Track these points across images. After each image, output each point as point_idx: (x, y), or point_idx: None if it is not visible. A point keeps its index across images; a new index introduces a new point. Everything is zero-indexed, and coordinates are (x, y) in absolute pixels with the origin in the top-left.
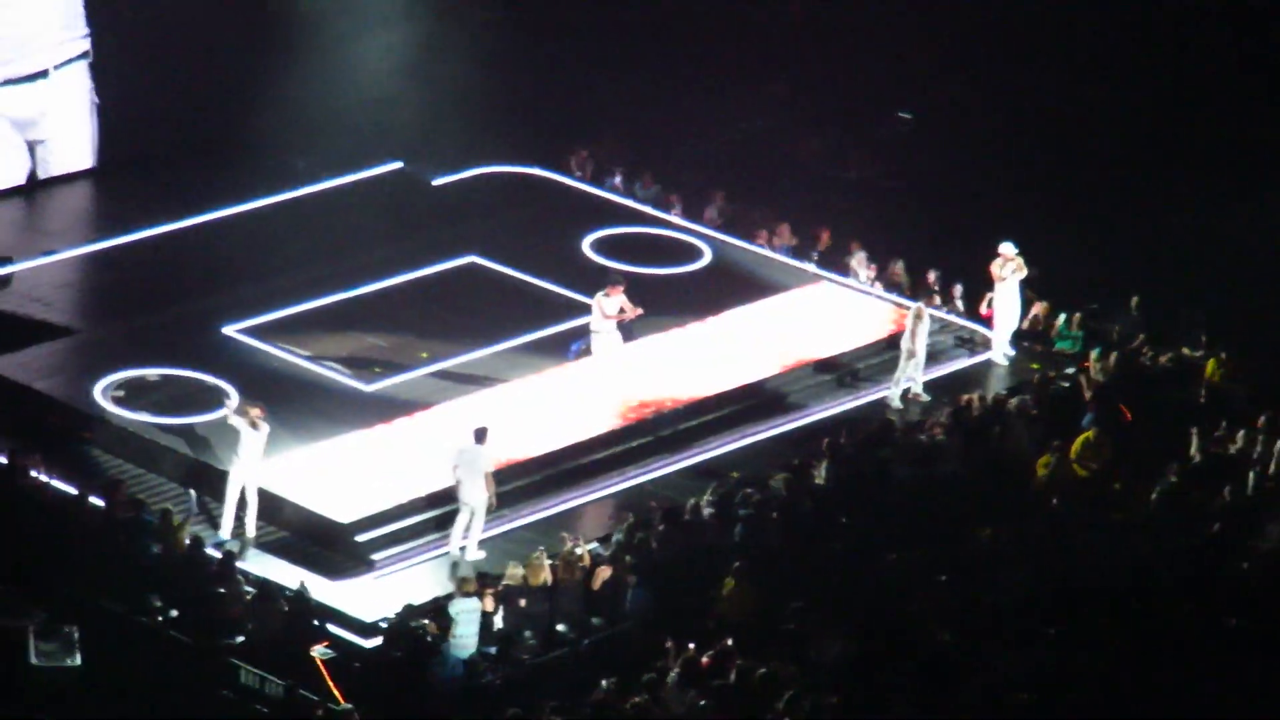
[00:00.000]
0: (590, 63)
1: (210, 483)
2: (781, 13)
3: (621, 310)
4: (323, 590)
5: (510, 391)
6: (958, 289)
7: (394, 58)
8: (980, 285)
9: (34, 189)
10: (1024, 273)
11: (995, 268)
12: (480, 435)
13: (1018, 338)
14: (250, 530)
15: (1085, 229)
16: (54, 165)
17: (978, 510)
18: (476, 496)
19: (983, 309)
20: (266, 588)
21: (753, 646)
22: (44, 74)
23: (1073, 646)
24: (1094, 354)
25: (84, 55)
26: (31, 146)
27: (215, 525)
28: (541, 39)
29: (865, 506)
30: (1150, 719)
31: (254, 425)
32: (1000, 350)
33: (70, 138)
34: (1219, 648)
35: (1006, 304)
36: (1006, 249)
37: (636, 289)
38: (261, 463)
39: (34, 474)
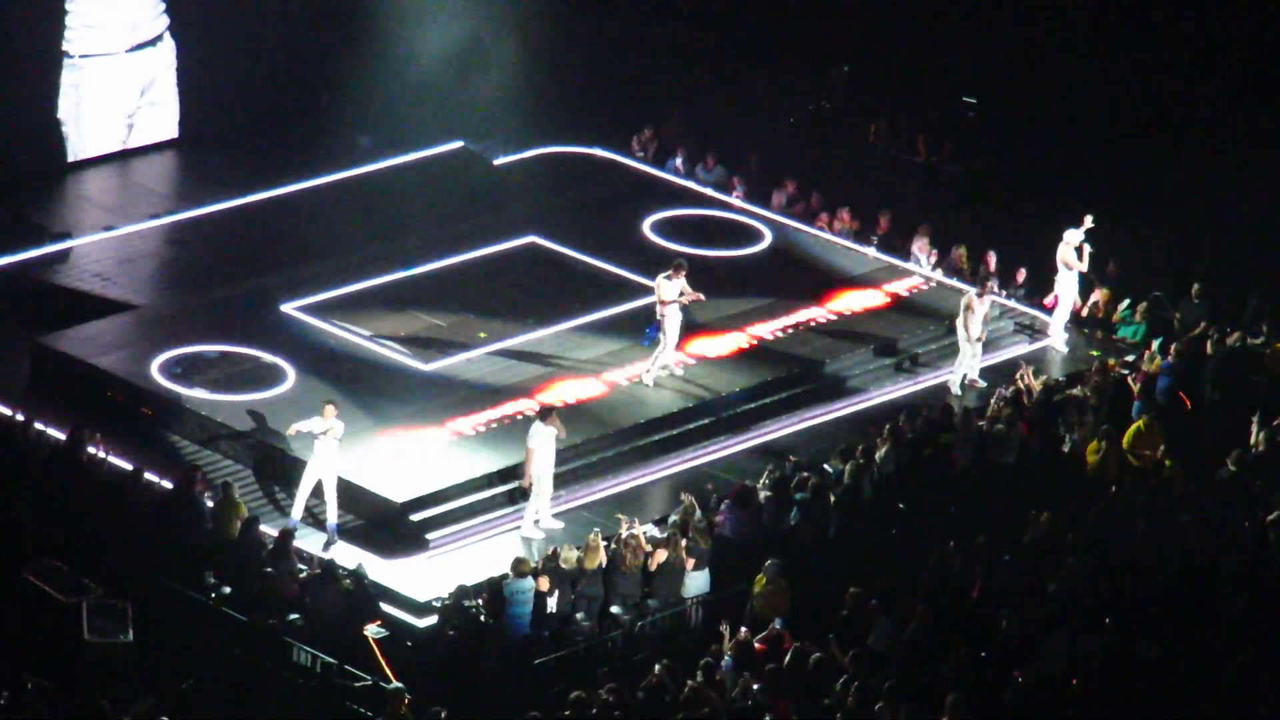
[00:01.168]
0: (655, 43)
1: (270, 462)
2: None
3: (682, 293)
4: (377, 569)
5: (570, 372)
6: (1021, 274)
7: (460, 37)
8: (1046, 271)
9: (119, 159)
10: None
11: (1067, 254)
12: (544, 414)
13: (1078, 323)
14: (332, 518)
15: (1149, 216)
16: (145, 134)
17: (1036, 496)
18: (545, 471)
19: (1049, 299)
20: (326, 567)
21: (808, 631)
22: (160, 38)
23: (1130, 634)
24: (1155, 344)
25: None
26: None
27: (278, 506)
28: (607, 18)
29: (925, 492)
30: (1205, 709)
31: (328, 422)
32: (1059, 336)
33: (165, 107)
34: (1273, 639)
35: (1069, 290)
36: (1075, 235)
37: (696, 271)
38: (337, 457)
39: (93, 450)
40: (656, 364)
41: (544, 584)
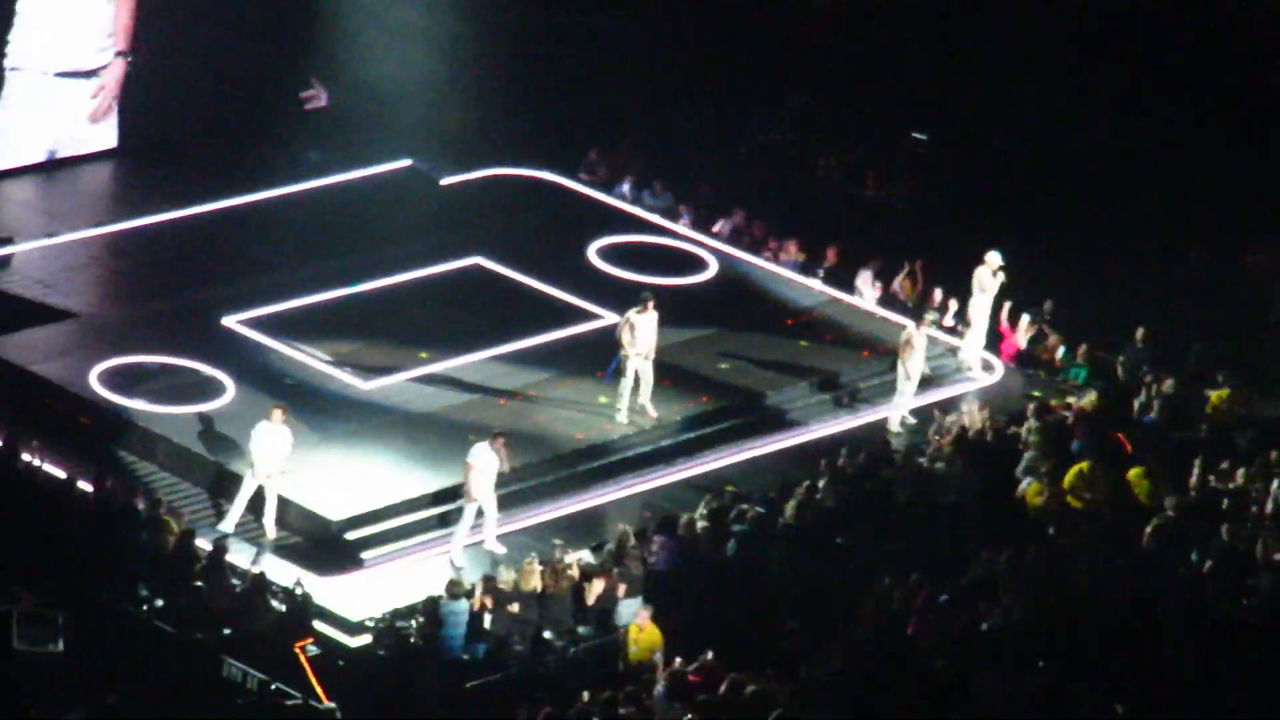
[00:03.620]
0: (606, 67)
1: (208, 474)
2: (801, 27)
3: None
4: (312, 587)
5: (511, 395)
6: (951, 305)
7: (411, 56)
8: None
9: (53, 168)
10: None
11: (984, 276)
12: (492, 437)
13: (1021, 363)
14: (270, 532)
15: (1097, 256)
16: (77, 145)
17: (976, 535)
18: (485, 493)
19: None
20: (258, 582)
21: (745, 663)
22: (96, 72)
23: (1066, 676)
24: (1087, 388)
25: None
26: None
27: (215, 519)
28: (560, 41)
29: (865, 527)
30: None
31: (274, 426)
32: (978, 362)
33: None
34: (1213, 685)
35: (984, 314)
36: (994, 257)
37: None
38: (282, 465)
39: (28, 458)
40: (624, 400)
41: (487, 603)
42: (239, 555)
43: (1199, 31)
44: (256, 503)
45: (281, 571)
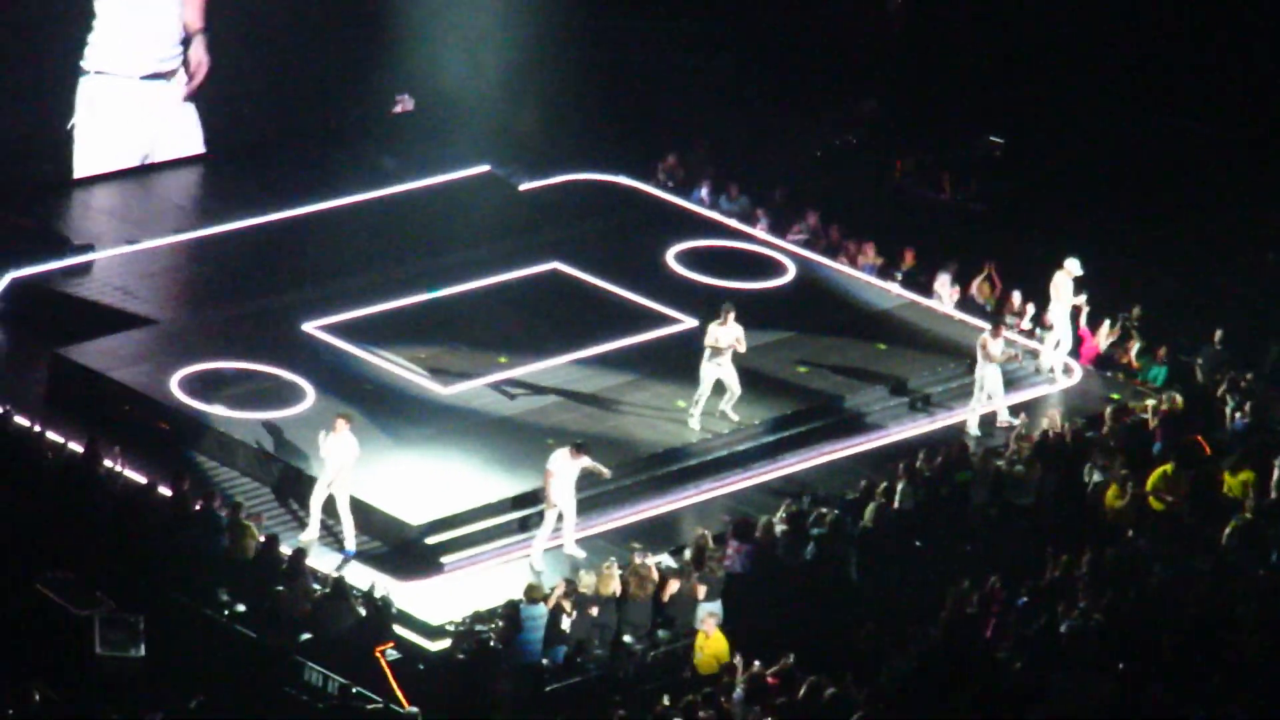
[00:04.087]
0: (682, 72)
1: (288, 480)
2: (878, 30)
3: (738, 340)
4: (391, 592)
5: (589, 399)
6: (1030, 309)
7: (486, 60)
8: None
9: (134, 174)
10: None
11: (1062, 283)
12: (578, 448)
13: (1099, 365)
14: (350, 543)
15: (1175, 259)
16: (164, 149)
17: (1053, 537)
18: (565, 499)
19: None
20: (336, 586)
21: (823, 666)
22: (174, 74)
23: (1142, 680)
24: (1168, 390)
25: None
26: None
27: (296, 524)
28: (634, 46)
29: (941, 530)
30: None
31: (340, 435)
32: (1059, 366)
33: (186, 129)
34: None
35: (1065, 319)
36: (1074, 265)
37: (719, 303)
38: (349, 472)
39: (109, 463)
40: (698, 407)
41: (566, 606)
42: (319, 560)
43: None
44: (330, 509)
45: (361, 577)
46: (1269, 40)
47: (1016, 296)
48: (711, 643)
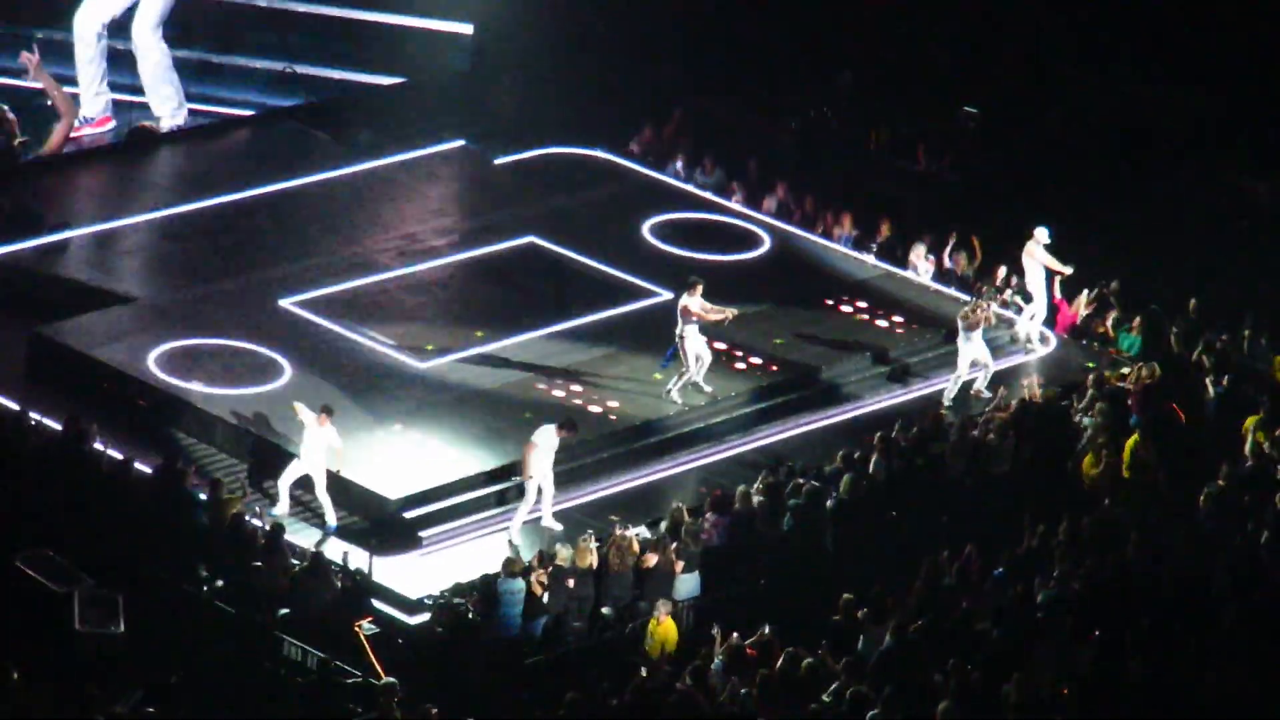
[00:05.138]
0: (657, 47)
1: (266, 456)
2: (852, 2)
3: (706, 310)
4: (367, 566)
5: (566, 373)
6: (1014, 280)
7: (462, 37)
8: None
9: (110, 153)
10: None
11: (1034, 251)
12: (563, 425)
13: (1074, 335)
14: (330, 518)
15: (1148, 229)
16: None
17: (1030, 507)
18: (544, 473)
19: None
20: (314, 561)
21: (799, 637)
22: None
23: (1120, 648)
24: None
25: None
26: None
27: (269, 499)
28: (610, 21)
29: (918, 501)
30: None
31: (324, 428)
32: (1035, 335)
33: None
34: (1266, 654)
35: (1040, 288)
36: (1043, 234)
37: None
38: (322, 458)
39: (88, 440)
40: (680, 382)
41: (544, 579)
42: (297, 535)
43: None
44: (307, 485)
45: (338, 551)
46: (1244, 7)
47: (1002, 270)
48: (661, 630)
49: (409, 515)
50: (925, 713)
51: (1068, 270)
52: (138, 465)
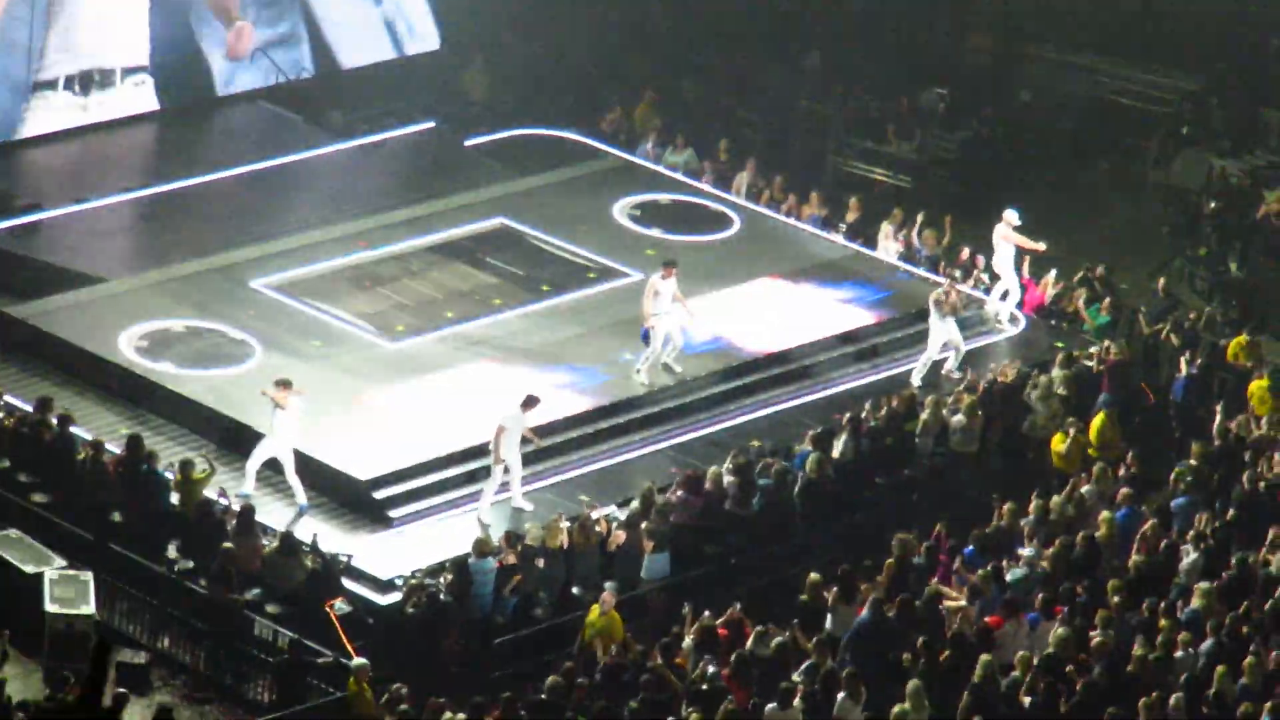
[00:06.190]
0: (628, 28)
1: (236, 437)
2: None
3: (675, 299)
4: (340, 546)
5: (536, 353)
6: (980, 260)
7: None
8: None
9: (82, 133)
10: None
11: (1003, 233)
12: (527, 402)
13: (1043, 314)
14: (301, 497)
15: (1113, 208)
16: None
17: (998, 486)
18: (511, 453)
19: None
20: (285, 540)
21: (770, 616)
22: None
23: (1088, 626)
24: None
25: None
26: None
27: (238, 480)
28: (581, 2)
29: (887, 480)
30: (1160, 698)
31: (283, 401)
32: (1005, 315)
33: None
34: (1234, 632)
35: (1009, 269)
36: (1012, 215)
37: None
38: (293, 435)
39: (57, 422)
40: (648, 362)
41: (514, 559)
42: (267, 515)
43: None
44: (276, 466)
45: (309, 531)
46: None
47: (966, 250)
48: (601, 621)
49: (379, 495)
50: (894, 692)
51: (1041, 246)
52: (108, 446)
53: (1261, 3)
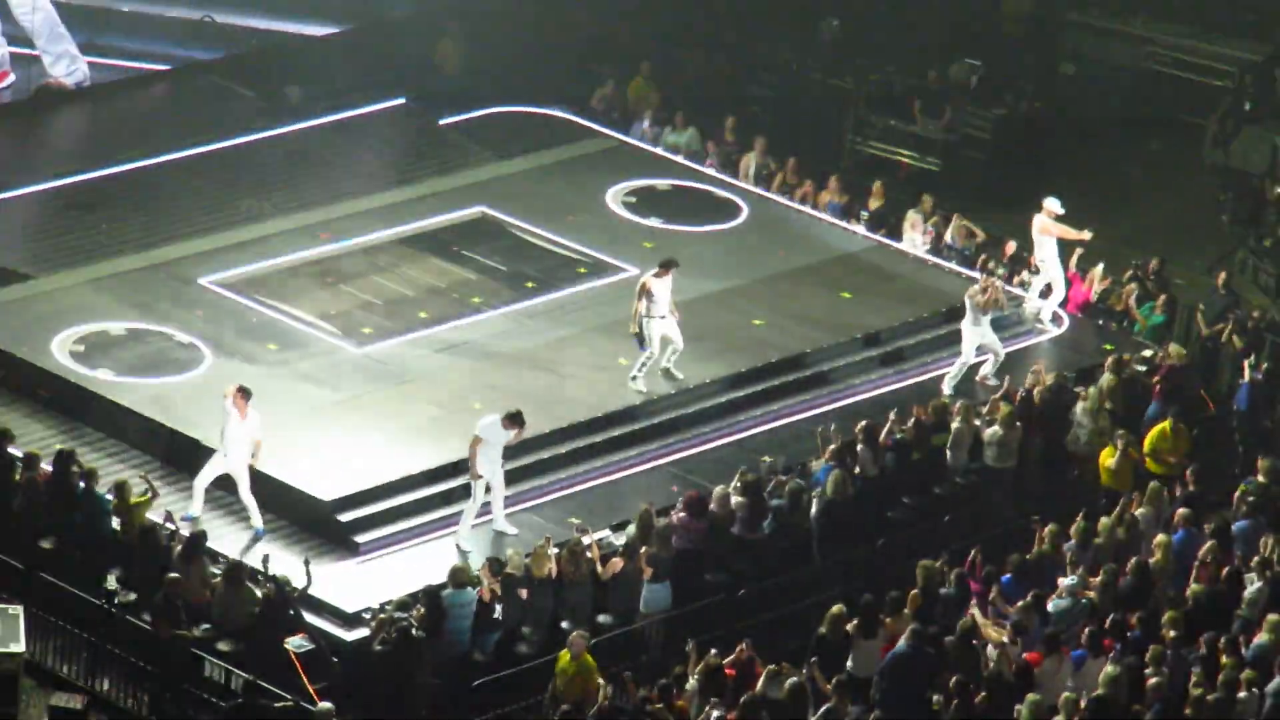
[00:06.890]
0: None
1: (182, 452)
2: None
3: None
4: (301, 575)
5: (520, 357)
6: (1019, 254)
7: None
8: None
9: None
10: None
11: (1044, 224)
12: (510, 418)
13: (1090, 314)
14: (257, 521)
15: (1169, 195)
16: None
17: (1040, 506)
18: (492, 469)
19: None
20: (233, 569)
21: (783, 654)
22: None
23: (1141, 659)
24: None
25: None
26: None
27: (184, 501)
28: None
29: (916, 499)
30: None
31: (243, 410)
32: (1047, 314)
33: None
34: None
35: (1053, 263)
36: (1053, 204)
37: (667, 246)
38: (244, 450)
39: None
40: (645, 367)
41: (487, 594)
42: (220, 541)
43: None
44: (227, 485)
45: (263, 554)
46: None
47: (1011, 244)
48: (572, 667)
49: (344, 518)
50: None
51: (1087, 235)
52: (40, 464)
53: None
